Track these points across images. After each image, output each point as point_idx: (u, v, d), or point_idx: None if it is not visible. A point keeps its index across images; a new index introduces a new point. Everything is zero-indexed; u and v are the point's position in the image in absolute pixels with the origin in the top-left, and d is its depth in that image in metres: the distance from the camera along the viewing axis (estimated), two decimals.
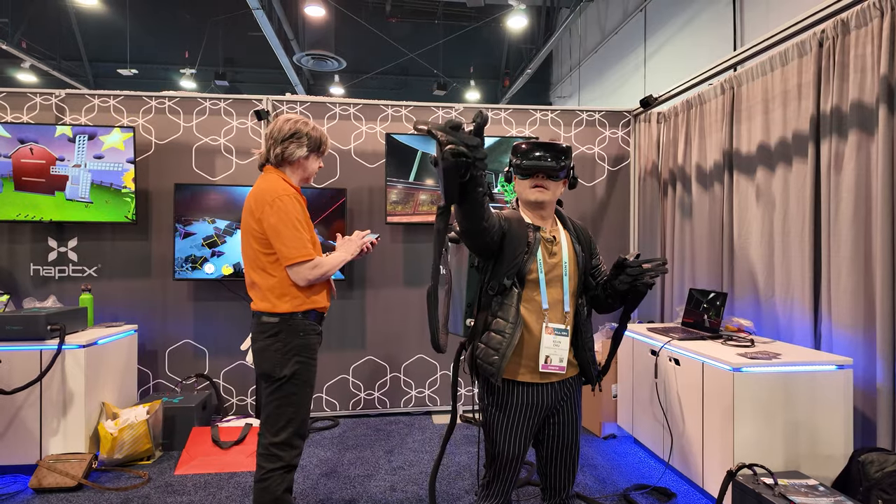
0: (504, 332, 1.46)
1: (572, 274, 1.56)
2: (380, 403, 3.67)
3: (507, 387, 1.52)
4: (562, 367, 1.50)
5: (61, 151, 3.22)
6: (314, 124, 1.95)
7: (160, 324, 3.47)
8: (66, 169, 3.22)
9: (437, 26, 12.39)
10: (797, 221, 2.72)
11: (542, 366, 1.48)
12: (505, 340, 1.45)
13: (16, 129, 3.18)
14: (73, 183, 3.23)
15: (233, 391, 3.54)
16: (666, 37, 7.56)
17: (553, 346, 1.48)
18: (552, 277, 1.52)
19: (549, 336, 1.48)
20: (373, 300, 3.66)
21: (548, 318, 1.50)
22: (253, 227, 1.81)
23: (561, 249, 1.56)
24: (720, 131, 3.31)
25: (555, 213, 1.65)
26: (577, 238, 1.64)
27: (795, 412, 2.24)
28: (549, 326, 1.49)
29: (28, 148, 3.18)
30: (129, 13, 11.96)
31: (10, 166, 3.18)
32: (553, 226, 1.61)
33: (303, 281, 1.79)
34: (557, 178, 1.55)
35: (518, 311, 1.48)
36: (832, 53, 2.48)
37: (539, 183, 1.54)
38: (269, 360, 1.78)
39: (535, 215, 1.58)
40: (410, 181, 3.51)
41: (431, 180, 3.54)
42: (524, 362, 1.51)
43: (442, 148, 1.10)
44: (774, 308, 2.89)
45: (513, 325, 1.46)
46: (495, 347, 1.47)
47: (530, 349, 1.50)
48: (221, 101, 3.54)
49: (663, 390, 2.73)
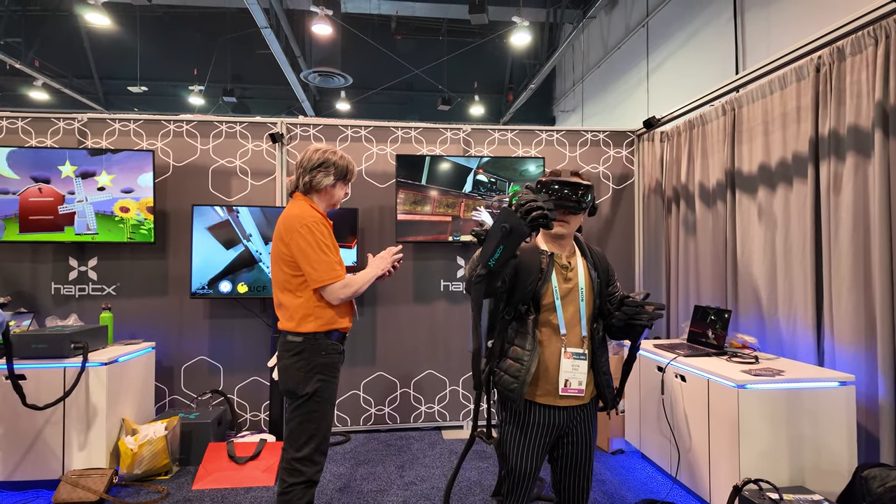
0: (522, 360, 1.54)
1: (588, 299, 1.62)
2: (390, 419, 3.73)
3: (524, 406, 1.60)
4: (581, 391, 1.57)
5: (69, 187, 3.34)
6: (342, 153, 2.06)
7: (176, 341, 3.56)
8: (72, 204, 3.34)
9: (441, 43, 12.60)
10: (798, 240, 2.79)
11: (562, 389, 1.55)
12: (523, 368, 1.53)
13: (24, 168, 3.29)
14: (80, 217, 3.35)
15: (247, 407, 3.62)
16: (668, 52, 7.66)
17: (572, 369, 1.55)
18: (568, 302, 1.59)
19: (567, 360, 1.55)
20: (383, 317, 3.74)
21: (566, 342, 1.57)
22: (283, 252, 1.91)
23: (577, 275, 1.63)
24: (722, 151, 3.40)
25: (574, 239, 1.72)
26: (593, 264, 1.70)
27: (800, 428, 2.30)
28: (567, 351, 1.56)
29: (37, 188, 3.30)
30: (139, 32, 12.22)
31: (15, 205, 3.29)
32: (571, 253, 1.68)
33: (336, 300, 1.89)
34: (578, 213, 1.62)
35: (535, 338, 1.55)
36: (829, 79, 2.57)
37: (561, 218, 1.60)
38: (293, 378, 1.87)
39: (553, 244, 1.66)
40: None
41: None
42: (542, 384, 1.58)
43: (522, 210, 1.29)
44: (777, 324, 2.95)
45: (530, 352, 1.53)
46: (514, 375, 1.54)
47: (548, 372, 1.57)
48: (237, 125, 3.65)
49: (670, 406, 2.79)
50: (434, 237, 3.62)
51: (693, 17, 6.95)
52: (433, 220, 3.62)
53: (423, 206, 3.60)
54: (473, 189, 3.64)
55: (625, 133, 4.03)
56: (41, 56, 12.04)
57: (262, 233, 3.41)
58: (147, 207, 3.38)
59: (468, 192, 3.64)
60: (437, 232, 3.63)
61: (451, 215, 3.63)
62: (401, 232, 3.58)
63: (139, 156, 3.37)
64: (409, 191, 3.58)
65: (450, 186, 3.62)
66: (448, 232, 3.63)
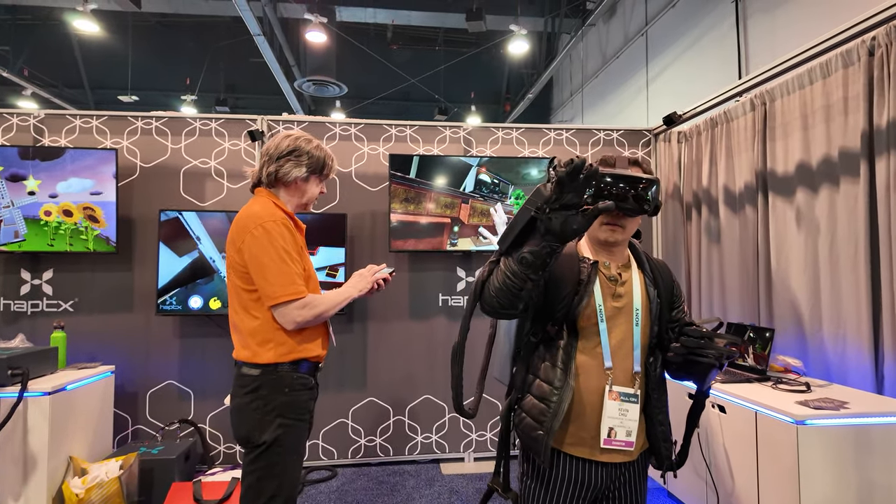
0: (549, 400, 1.16)
1: (644, 323, 1.24)
2: (382, 451, 3.33)
3: (552, 458, 1.22)
4: (630, 444, 1.19)
5: None
6: (319, 143, 1.69)
7: (141, 363, 3.16)
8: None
9: (438, 53, 12.37)
10: (848, 247, 2.44)
11: (605, 440, 1.17)
12: (549, 410, 1.15)
13: None
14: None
15: (220, 438, 3.21)
16: (668, 60, 7.45)
17: (619, 415, 1.17)
18: (616, 325, 1.21)
19: (613, 402, 1.17)
20: (375, 335, 3.35)
21: (612, 378, 1.20)
22: (234, 260, 1.54)
23: (630, 291, 1.25)
24: (751, 150, 3.06)
25: (629, 246, 1.33)
26: (653, 280, 1.30)
27: (870, 470, 1.92)
28: (613, 390, 1.18)
29: None
30: (131, 40, 11.95)
31: None
32: (624, 263, 1.29)
33: (291, 324, 1.49)
34: (637, 214, 1.23)
35: (566, 372, 1.17)
36: (886, 62, 2.23)
37: (614, 221, 1.22)
38: (247, 422, 1.48)
39: (602, 252, 1.27)
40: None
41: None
42: (574, 430, 1.20)
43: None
44: (823, 344, 2.58)
45: (559, 389, 1.16)
46: (538, 419, 1.17)
47: (584, 415, 1.19)
48: (213, 122, 3.30)
49: (706, 440, 2.41)
50: (432, 246, 3.25)
51: (693, 25, 6.72)
52: (431, 221, 3.25)
53: (419, 208, 3.24)
54: (475, 189, 3.28)
55: (641, 132, 3.69)
56: (30, 65, 11.73)
57: (211, 234, 3.04)
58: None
59: (469, 191, 3.28)
60: (435, 234, 3.25)
61: (450, 217, 3.26)
62: (395, 237, 3.21)
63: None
64: (403, 186, 3.22)
65: (449, 185, 3.26)
66: (446, 235, 3.26)
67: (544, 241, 1.00)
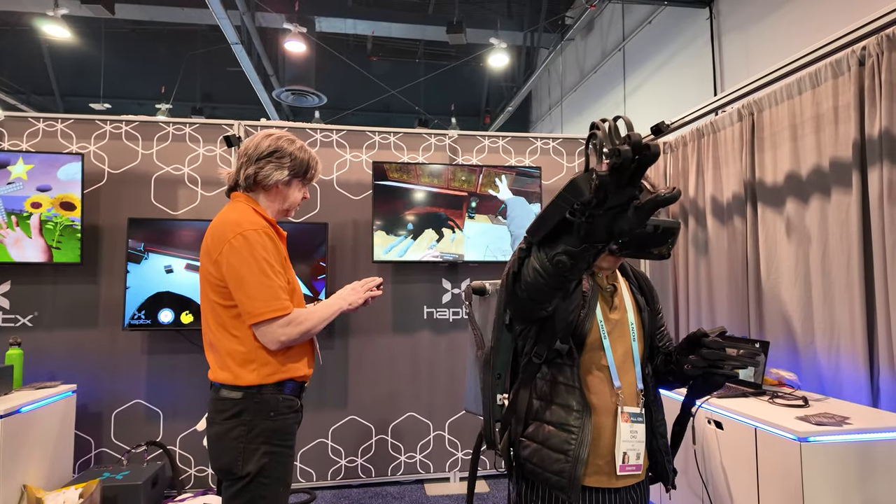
0: (569, 427, 1.06)
1: (640, 335, 1.17)
2: (364, 472, 3.17)
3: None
4: (639, 466, 1.10)
5: None
6: (302, 144, 1.56)
7: (107, 382, 2.96)
8: None
9: (418, 64, 12.36)
10: (841, 258, 2.41)
11: (620, 467, 1.08)
12: (575, 438, 1.05)
13: None
14: None
15: (191, 460, 3.02)
16: (645, 75, 7.56)
17: (630, 437, 1.08)
18: (616, 339, 1.14)
19: (626, 425, 1.08)
20: (357, 350, 3.21)
21: (623, 398, 1.10)
22: (210, 273, 1.39)
23: (623, 302, 1.17)
24: (739, 161, 3.04)
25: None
26: (639, 288, 1.25)
27: (874, 489, 1.86)
28: (625, 411, 1.09)
29: None
30: (104, 48, 11.65)
31: None
32: (612, 273, 1.23)
33: (274, 343, 1.36)
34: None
35: (583, 393, 1.08)
36: (877, 72, 2.22)
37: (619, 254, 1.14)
38: (229, 451, 1.33)
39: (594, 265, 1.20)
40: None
41: None
42: (591, 459, 1.10)
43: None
44: (816, 357, 2.54)
45: (579, 412, 1.06)
46: (560, 449, 1.06)
47: (600, 441, 1.10)
48: (186, 127, 3.15)
49: (702, 457, 2.33)
50: (417, 255, 3.14)
51: (669, 42, 6.82)
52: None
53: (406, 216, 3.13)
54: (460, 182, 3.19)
55: None
56: None
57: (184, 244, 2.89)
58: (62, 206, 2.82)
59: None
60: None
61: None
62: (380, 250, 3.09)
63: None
64: (388, 201, 3.11)
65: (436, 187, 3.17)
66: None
67: (584, 242, 0.80)
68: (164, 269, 2.85)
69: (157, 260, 2.85)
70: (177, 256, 2.87)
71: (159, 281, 2.84)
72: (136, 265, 2.83)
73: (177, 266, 2.87)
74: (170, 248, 2.86)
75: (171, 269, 2.86)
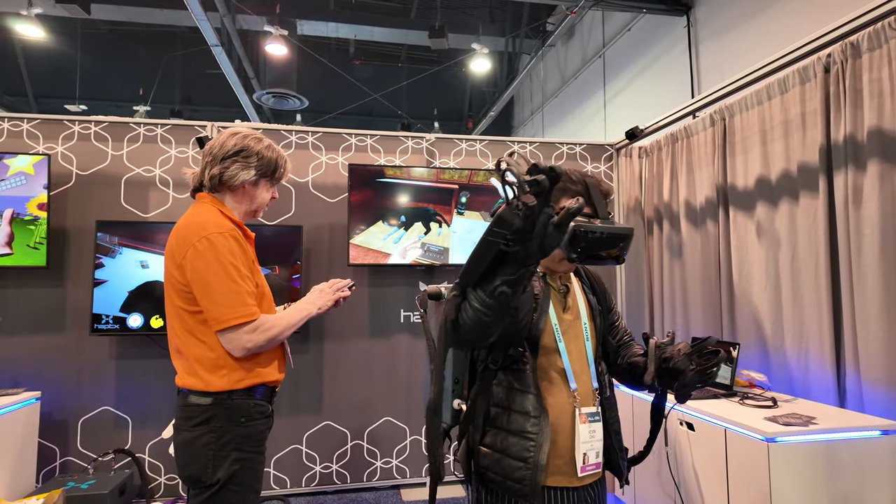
0: (527, 433, 1.05)
1: (592, 335, 1.18)
2: (339, 478, 3.13)
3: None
4: (598, 464, 1.10)
5: None
6: (270, 142, 1.52)
7: (73, 388, 2.88)
8: None
9: (400, 69, 12.36)
10: (809, 261, 2.45)
11: (581, 468, 1.07)
12: (534, 445, 1.04)
13: None
14: None
15: (160, 468, 2.95)
16: (625, 82, 7.67)
17: (589, 437, 1.08)
18: (570, 340, 1.14)
19: (584, 426, 1.08)
20: (332, 355, 3.18)
21: (579, 399, 1.10)
22: (175, 277, 1.36)
23: (576, 302, 1.18)
24: (711, 165, 3.08)
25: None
26: (590, 287, 1.27)
27: (840, 487, 1.89)
28: (582, 413, 1.08)
29: None
30: (80, 47, 11.44)
31: None
32: (565, 273, 1.24)
33: (240, 350, 1.32)
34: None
35: (539, 398, 1.07)
36: (842, 78, 2.27)
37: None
38: (198, 459, 1.30)
39: (548, 267, 1.20)
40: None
41: None
42: (550, 459, 1.09)
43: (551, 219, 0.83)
44: (785, 358, 2.58)
45: (537, 418, 1.05)
46: (520, 457, 1.05)
47: (558, 442, 1.10)
48: (158, 128, 3.09)
49: (675, 459, 2.34)
50: (393, 258, 3.12)
51: (648, 49, 6.93)
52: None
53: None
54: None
55: (603, 147, 3.69)
56: None
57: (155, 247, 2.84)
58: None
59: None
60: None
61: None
62: (356, 253, 3.06)
63: None
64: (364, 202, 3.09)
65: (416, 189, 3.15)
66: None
67: (520, 267, 0.87)
68: (140, 263, 2.79)
69: (133, 255, 2.79)
70: (151, 252, 2.81)
71: (137, 276, 2.79)
72: (110, 259, 2.76)
73: (152, 262, 2.81)
74: (141, 245, 2.81)
75: (146, 264, 2.80)
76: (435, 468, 1.00)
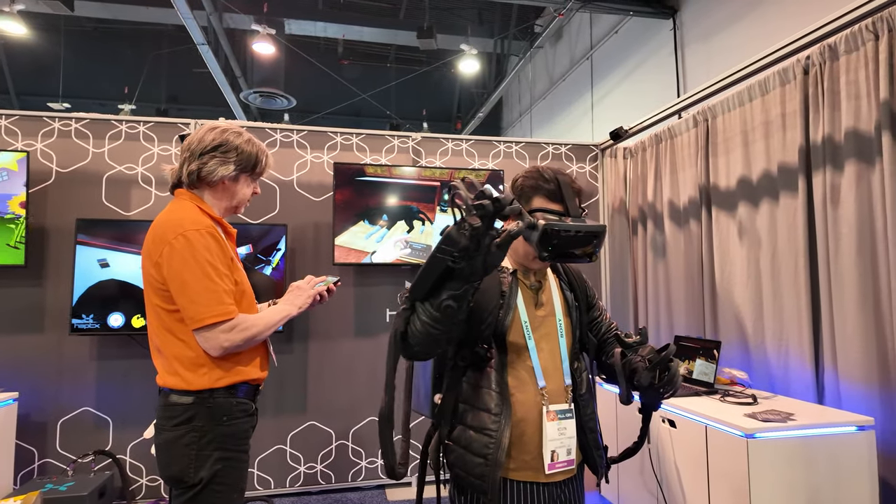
0: (489, 430, 1.06)
1: (567, 331, 1.18)
2: (324, 478, 3.11)
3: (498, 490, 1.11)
4: (570, 461, 1.11)
5: None
6: (250, 136, 1.49)
7: (52, 389, 2.84)
8: None
9: (389, 69, 12.34)
10: (789, 260, 2.48)
11: (549, 465, 1.08)
12: (492, 441, 1.05)
13: None
14: None
15: (142, 470, 2.92)
16: (612, 83, 7.72)
17: (559, 435, 1.09)
18: (542, 337, 1.14)
19: (552, 423, 1.09)
20: (317, 354, 3.16)
21: (547, 397, 1.10)
22: (152, 275, 1.34)
23: (551, 298, 1.18)
24: (694, 166, 3.11)
25: None
26: (568, 283, 1.27)
27: (817, 481, 1.91)
28: (550, 410, 1.09)
29: None
30: (63, 45, 11.27)
31: None
32: (540, 270, 1.24)
33: (216, 350, 1.30)
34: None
35: (502, 395, 1.08)
36: (820, 80, 2.31)
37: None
38: (179, 459, 1.28)
39: (522, 264, 1.21)
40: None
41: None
42: (515, 454, 1.11)
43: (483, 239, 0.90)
44: (766, 356, 2.62)
45: (497, 416, 1.06)
46: (480, 453, 1.06)
47: (524, 437, 1.11)
48: (141, 125, 3.06)
49: (657, 456, 2.36)
50: (378, 256, 3.11)
51: (635, 51, 6.99)
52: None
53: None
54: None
55: (588, 147, 3.72)
56: None
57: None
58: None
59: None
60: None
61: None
62: (341, 253, 3.05)
63: None
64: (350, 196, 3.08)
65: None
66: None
67: (465, 283, 0.93)
68: (98, 262, 2.76)
69: (91, 253, 2.75)
70: (119, 251, 2.78)
71: (99, 273, 2.75)
72: (84, 249, 2.73)
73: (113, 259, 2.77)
74: (119, 245, 2.77)
75: (105, 262, 2.76)
76: (390, 468, 1.04)
